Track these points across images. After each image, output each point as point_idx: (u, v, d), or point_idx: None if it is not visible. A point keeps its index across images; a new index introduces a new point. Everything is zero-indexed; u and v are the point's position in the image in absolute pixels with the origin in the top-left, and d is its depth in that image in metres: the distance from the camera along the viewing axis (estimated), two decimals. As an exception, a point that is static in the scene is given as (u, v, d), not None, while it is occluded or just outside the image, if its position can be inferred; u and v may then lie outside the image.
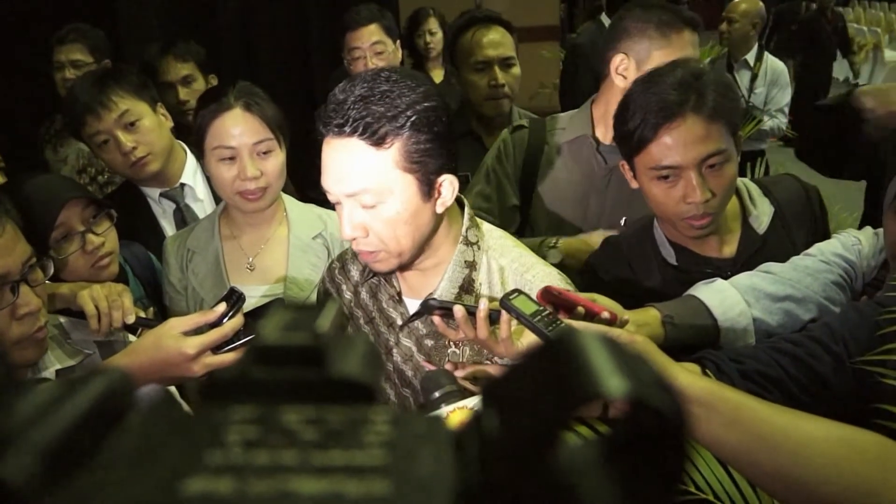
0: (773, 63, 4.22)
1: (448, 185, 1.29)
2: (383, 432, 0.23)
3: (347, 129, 1.20)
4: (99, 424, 0.23)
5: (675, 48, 1.83)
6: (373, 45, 2.80)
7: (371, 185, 1.21)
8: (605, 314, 1.19)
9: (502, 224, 1.78)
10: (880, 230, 1.54)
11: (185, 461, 0.21)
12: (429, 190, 1.26)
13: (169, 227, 2.15)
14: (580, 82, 3.38)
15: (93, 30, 3.09)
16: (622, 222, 1.91)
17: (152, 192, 2.15)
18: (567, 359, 0.24)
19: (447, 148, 1.26)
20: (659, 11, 1.88)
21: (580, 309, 1.19)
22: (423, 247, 1.32)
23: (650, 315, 1.36)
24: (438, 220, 1.33)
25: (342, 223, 1.27)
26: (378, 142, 1.20)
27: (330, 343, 0.28)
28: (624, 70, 1.90)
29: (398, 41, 2.92)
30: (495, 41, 2.57)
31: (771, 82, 4.15)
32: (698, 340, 1.36)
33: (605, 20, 3.86)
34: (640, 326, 1.31)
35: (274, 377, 0.26)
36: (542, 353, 0.25)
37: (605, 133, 1.97)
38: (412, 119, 1.20)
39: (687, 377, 0.98)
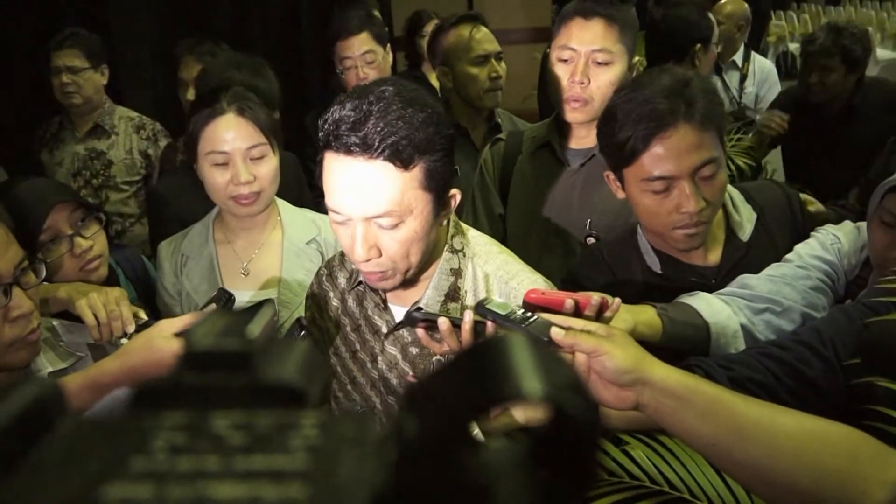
0: (761, 62, 4.26)
1: (455, 198, 1.29)
2: (309, 436, 0.23)
3: (374, 151, 1.16)
4: (24, 433, 0.23)
5: (563, 37, 1.90)
6: (364, 55, 2.80)
7: (395, 207, 1.19)
8: (595, 299, 1.17)
9: (492, 233, 1.80)
10: (861, 224, 1.54)
11: (107, 468, 0.21)
12: (443, 206, 1.27)
13: None
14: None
15: (90, 35, 3.14)
16: (587, 225, 1.92)
17: None
18: (486, 362, 0.24)
19: (453, 160, 1.26)
20: (569, 7, 1.95)
21: (570, 301, 1.17)
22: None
23: (647, 309, 1.35)
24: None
25: (355, 244, 1.22)
26: (406, 164, 1.17)
27: (262, 348, 0.27)
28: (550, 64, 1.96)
29: (387, 45, 2.92)
30: (489, 37, 2.72)
31: (760, 81, 4.18)
32: (693, 339, 1.35)
33: None
34: (636, 314, 1.30)
35: (205, 382, 0.26)
36: (463, 357, 0.25)
37: (568, 138, 2.01)
38: (430, 137, 1.19)
39: (663, 370, 0.99)
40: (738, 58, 4.24)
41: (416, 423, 0.24)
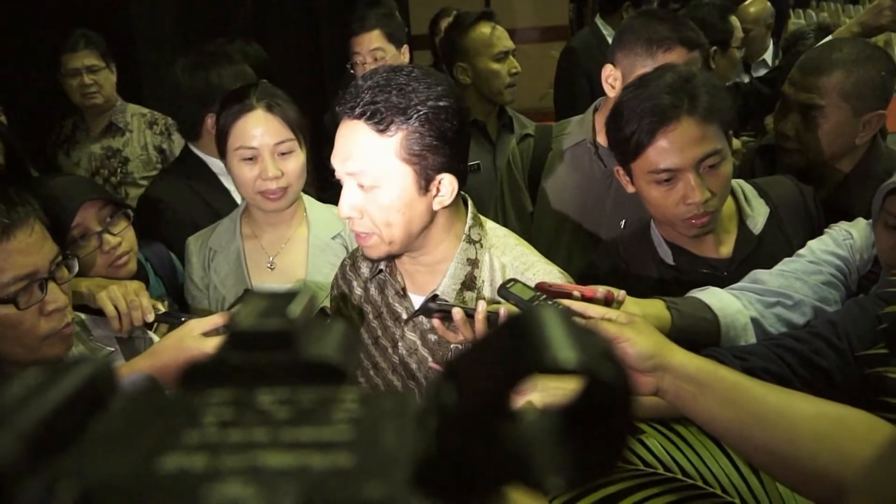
0: None
1: (447, 184, 1.31)
2: (351, 410, 0.24)
3: (357, 111, 1.25)
4: (81, 408, 0.24)
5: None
6: (372, 52, 2.83)
7: (369, 167, 1.26)
8: (601, 291, 1.20)
9: (521, 231, 1.80)
10: None
11: (163, 441, 0.22)
12: (426, 185, 1.29)
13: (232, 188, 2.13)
14: (575, 87, 3.43)
15: (98, 35, 3.17)
16: (622, 224, 1.92)
17: (216, 163, 2.16)
18: (523, 333, 0.25)
19: (454, 148, 1.29)
20: (657, 26, 1.84)
21: (576, 293, 1.20)
22: (416, 240, 1.35)
23: (655, 302, 1.36)
24: (436, 216, 1.35)
25: (340, 201, 1.31)
26: (382, 129, 1.24)
27: (303, 327, 0.29)
28: (613, 81, 1.91)
29: (404, 46, 2.94)
30: (506, 34, 2.87)
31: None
32: (702, 332, 1.36)
33: (601, 23, 3.85)
34: (644, 307, 1.31)
35: (249, 361, 0.27)
36: (501, 329, 0.26)
37: (605, 138, 1.99)
38: (421, 113, 1.24)
39: (683, 356, 1.00)
40: (768, 56, 4.17)
41: (456, 394, 0.25)
